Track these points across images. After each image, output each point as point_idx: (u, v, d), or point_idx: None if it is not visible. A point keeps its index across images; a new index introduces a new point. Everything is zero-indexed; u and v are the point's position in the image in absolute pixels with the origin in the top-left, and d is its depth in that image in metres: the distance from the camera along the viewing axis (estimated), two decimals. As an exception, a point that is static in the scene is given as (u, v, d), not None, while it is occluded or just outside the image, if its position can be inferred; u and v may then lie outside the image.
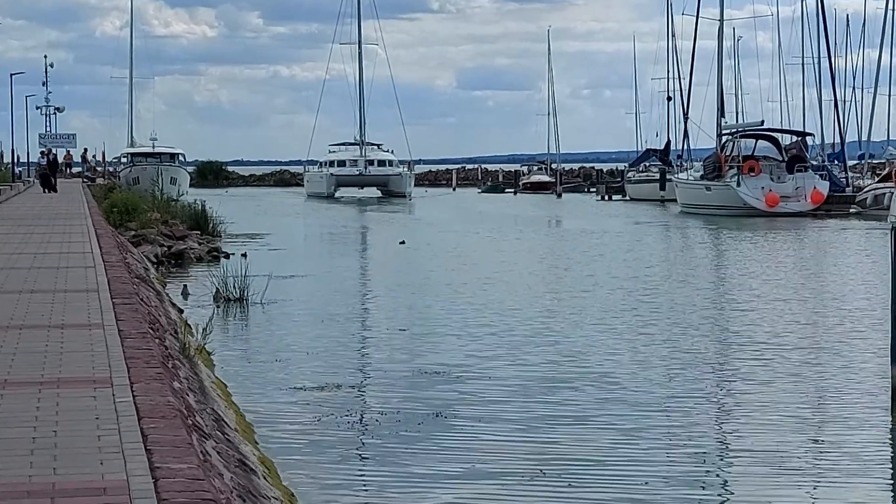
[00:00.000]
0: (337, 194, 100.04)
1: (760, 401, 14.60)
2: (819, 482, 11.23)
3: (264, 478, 9.05)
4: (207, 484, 6.40)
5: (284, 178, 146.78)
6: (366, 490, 10.76)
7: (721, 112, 71.18)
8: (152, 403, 8.06)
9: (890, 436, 13.18)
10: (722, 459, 12.12)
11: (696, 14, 73.00)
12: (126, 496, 5.92)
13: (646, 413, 13.91)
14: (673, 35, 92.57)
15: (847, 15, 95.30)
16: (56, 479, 6.23)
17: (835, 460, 11.98)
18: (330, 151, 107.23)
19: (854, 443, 12.66)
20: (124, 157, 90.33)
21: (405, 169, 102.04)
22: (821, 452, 12.29)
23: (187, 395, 9.81)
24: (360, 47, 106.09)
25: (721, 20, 72.73)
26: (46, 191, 54.69)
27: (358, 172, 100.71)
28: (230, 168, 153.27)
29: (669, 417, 13.74)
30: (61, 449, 6.84)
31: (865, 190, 62.01)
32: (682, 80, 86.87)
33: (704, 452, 12.20)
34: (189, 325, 16.97)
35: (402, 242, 43.42)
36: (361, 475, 11.24)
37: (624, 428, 13.14)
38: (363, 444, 12.39)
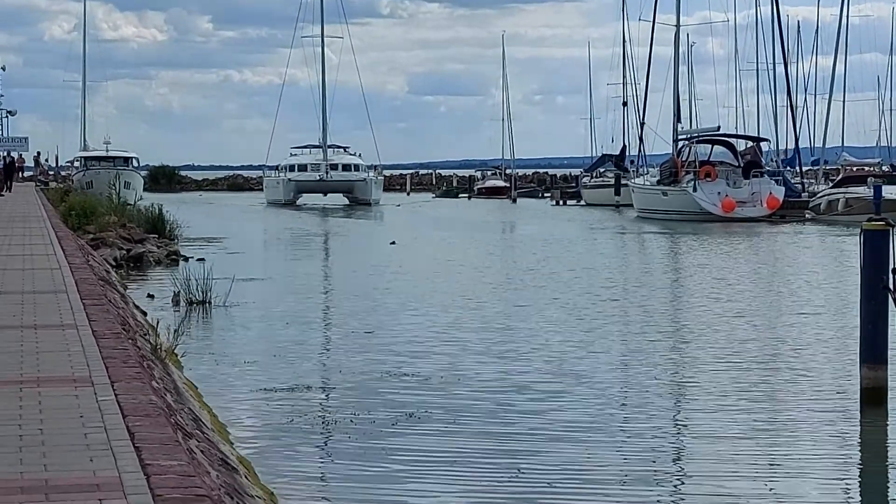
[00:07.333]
0: (299, 201, 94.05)
1: (726, 405, 14.63)
2: (788, 484, 11.26)
3: (245, 477, 9.02)
4: (199, 480, 6.39)
5: (237, 183, 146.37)
6: (343, 491, 10.74)
7: (677, 117, 71.47)
8: (135, 402, 8.04)
9: (859, 437, 13.27)
10: (688, 464, 12.12)
11: (652, 19, 73.22)
12: (120, 492, 5.89)
13: (611, 418, 13.97)
14: (627, 41, 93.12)
15: (798, 22, 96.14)
16: (48, 476, 6.20)
17: (805, 462, 12.02)
18: (291, 154, 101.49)
19: (823, 444, 12.71)
20: (77, 160, 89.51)
21: (372, 174, 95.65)
22: (790, 454, 12.32)
23: (165, 395, 9.76)
24: (322, 46, 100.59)
25: (677, 26, 73.04)
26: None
27: (319, 178, 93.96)
28: (183, 172, 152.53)
29: (636, 421, 13.79)
30: (49, 446, 6.81)
31: (820, 195, 62.41)
32: (636, 86, 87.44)
33: (672, 458, 12.26)
34: (154, 328, 16.85)
35: (393, 243, 44.16)
36: (338, 476, 11.20)
37: (595, 426, 13.19)
38: (338, 445, 12.34)
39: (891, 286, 13.97)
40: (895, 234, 14.24)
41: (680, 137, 69.79)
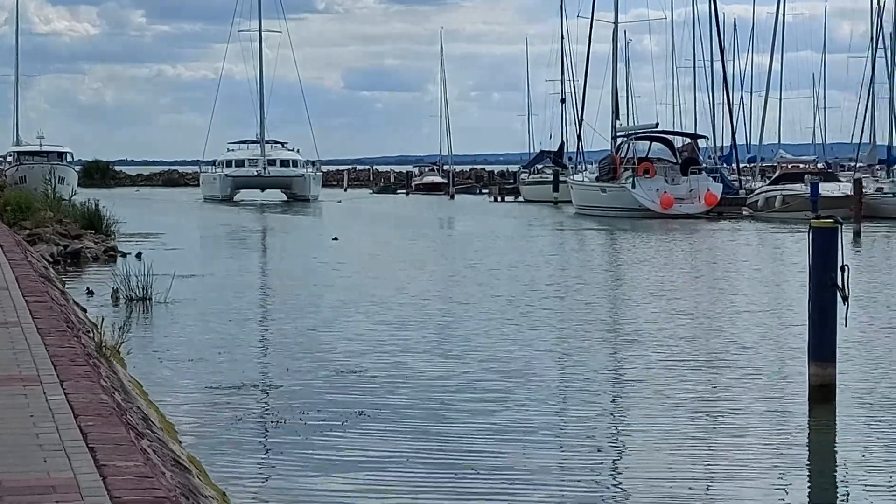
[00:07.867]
0: (236, 197, 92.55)
1: (671, 403, 14.57)
2: (735, 483, 11.22)
3: (198, 477, 8.87)
4: (156, 481, 6.26)
5: (173, 178, 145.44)
6: (291, 490, 10.62)
7: (616, 114, 71.69)
8: (85, 401, 7.90)
9: (808, 435, 13.28)
10: (633, 463, 12.04)
11: (590, 16, 73.40)
12: (77, 494, 5.77)
13: (556, 417, 13.96)
14: (566, 38, 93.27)
15: (734, 20, 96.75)
16: (1, 478, 6.05)
17: (752, 460, 11.97)
18: (228, 150, 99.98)
19: (771, 442, 12.70)
20: (10, 155, 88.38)
21: (310, 170, 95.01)
22: (737, 453, 12.27)
23: (114, 393, 9.60)
24: (260, 39, 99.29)
25: (616, 23, 73.26)
26: None
27: (256, 173, 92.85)
28: (117, 167, 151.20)
29: (581, 421, 13.75)
30: (0, 447, 6.65)
31: (757, 192, 62.80)
32: (574, 83, 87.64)
33: (617, 457, 12.26)
34: (97, 325, 16.65)
35: (335, 239, 43.78)
36: (287, 475, 11.08)
37: (540, 426, 13.13)
38: (288, 444, 12.19)
39: (839, 283, 14.02)
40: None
41: (618, 134, 69.98)
